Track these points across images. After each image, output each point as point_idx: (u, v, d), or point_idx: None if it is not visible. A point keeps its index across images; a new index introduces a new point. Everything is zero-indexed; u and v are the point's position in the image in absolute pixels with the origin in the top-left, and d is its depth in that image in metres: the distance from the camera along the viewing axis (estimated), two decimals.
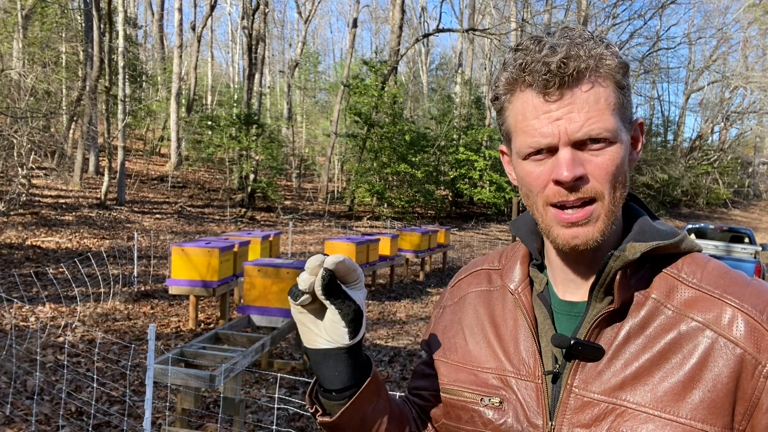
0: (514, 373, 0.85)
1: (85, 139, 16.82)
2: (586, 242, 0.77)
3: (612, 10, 28.95)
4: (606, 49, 0.76)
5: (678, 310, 0.78)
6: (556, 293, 0.87)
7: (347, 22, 43.82)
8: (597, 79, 0.75)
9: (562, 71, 0.73)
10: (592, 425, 0.77)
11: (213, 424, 4.01)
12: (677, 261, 0.82)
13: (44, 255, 9.54)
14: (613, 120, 0.76)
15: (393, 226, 18.67)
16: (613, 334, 0.79)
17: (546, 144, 0.76)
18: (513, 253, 0.97)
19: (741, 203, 44.33)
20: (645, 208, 0.89)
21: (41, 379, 4.57)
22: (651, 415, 0.74)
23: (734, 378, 0.73)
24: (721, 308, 0.76)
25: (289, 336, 6.24)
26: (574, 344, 0.78)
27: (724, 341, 0.74)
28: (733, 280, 0.79)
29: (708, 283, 0.79)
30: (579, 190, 0.76)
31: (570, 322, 0.84)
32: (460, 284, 1.01)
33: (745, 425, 0.74)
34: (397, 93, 22.97)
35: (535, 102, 0.76)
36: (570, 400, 0.79)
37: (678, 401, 0.74)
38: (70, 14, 20.24)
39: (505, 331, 0.89)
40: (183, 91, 25.43)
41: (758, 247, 11.11)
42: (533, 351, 0.84)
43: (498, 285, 0.95)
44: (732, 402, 0.74)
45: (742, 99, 42.75)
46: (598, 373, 0.78)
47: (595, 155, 0.76)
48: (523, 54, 0.76)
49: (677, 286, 0.80)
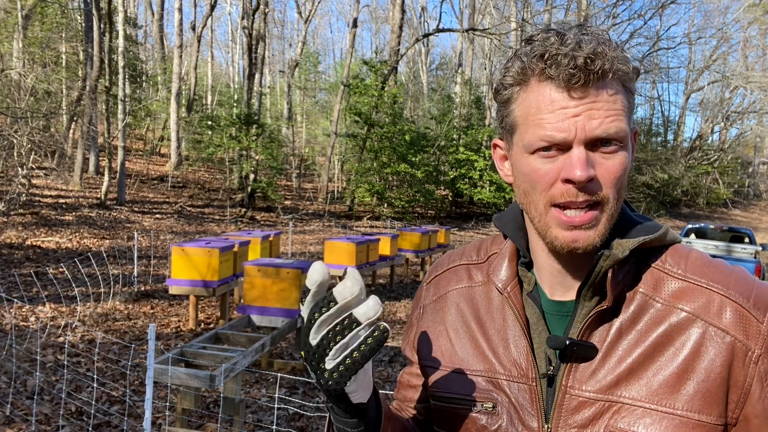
0: (506, 375, 0.83)
1: (85, 139, 16.82)
2: (586, 246, 0.76)
3: (612, 10, 28.98)
4: (621, 53, 0.75)
5: (667, 302, 0.78)
6: (545, 293, 0.85)
7: (347, 22, 43.85)
8: (617, 81, 0.74)
9: (588, 68, 0.71)
10: (589, 425, 0.77)
11: (213, 424, 4.01)
12: (660, 253, 0.82)
13: (44, 255, 9.54)
14: (626, 124, 0.75)
15: (393, 226, 18.67)
16: (605, 332, 0.78)
17: (560, 139, 0.73)
18: (497, 248, 0.93)
19: (741, 203, 44.32)
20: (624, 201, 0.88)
21: (41, 379, 4.57)
22: (647, 409, 0.74)
23: (726, 366, 0.74)
24: (708, 297, 0.77)
25: (289, 336, 6.24)
26: (570, 345, 0.77)
27: (714, 330, 0.75)
28: (718, 269, 0.79)
29: (693, 273, 0.79)
30: (588, 191, 0.74)
31: (560, 322, 0.83)
32: (438, 281, 0.97)
33: (739, 413, 0.75)
34: (397, 93, 22.97)
35: (554, 96, 0.73)
36: (565, 402, 0.78)
37: (673, 393, 0.74)
38: (70, 14, 20.24)
39: (493, 331, 0.86)
40: (183, 91, 25.43)
41: (758, 247, 11.11)
42: (526, 352, 0.82)
43: (480, 281, 0.91)
44: (725, 390, 0.74)
45: (742, 99, 42.80)
46: (593, 371, 0.78)
47: (606, 158, 0.74)
48: (542, 46, 0.73)
49: (663, 278, 0.80)
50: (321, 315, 0.68)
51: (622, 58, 0.74)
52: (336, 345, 0.68)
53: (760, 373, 0.73)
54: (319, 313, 0.68)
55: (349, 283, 0.68)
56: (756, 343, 0.74)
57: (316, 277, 0.70)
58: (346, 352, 0.69)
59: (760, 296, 0.76)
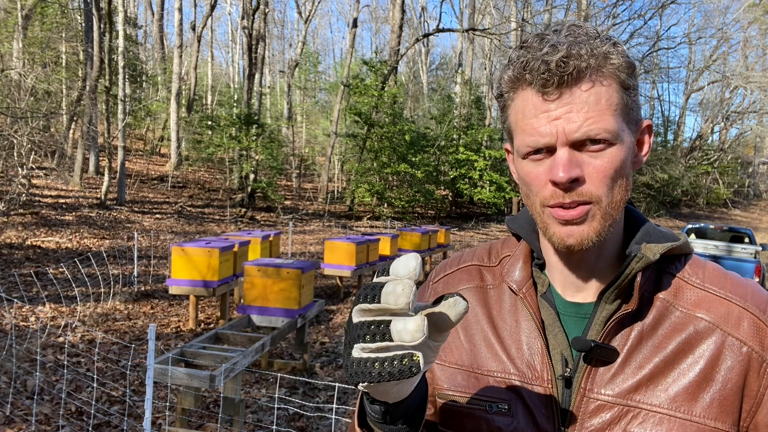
0: (519, 377, 0.82)
1: (85, 139, 16.82)
2: (581, 242, 0.75)
3: (612, 10, 28.98)
4: (612, 47, 0.74)
5: (687, 310, 0.78)
6: (560, 294, 0.85)
7: (347, 22, 43.84)
8: (598, 79, 0.73)
9: (561, 70, 0.71)
10: (606, 429, 0.76)
11: (213, 424, 4.01)
12: (679, 262, 0.82)
13: (44, 255, 9.54)
14: (614, 121, 0.73)
15: (393, 226, 18.67)
16: (626, 336, 0.78)
17: (544, 143, 0.74)
18: (508, 251, 0.93)
19: (741, 203, 44.33)
20: (638, 211, 0.89)
21: (41, 379, 4.57)
22: (665, 416, 0.74)
23: (742, 376, 0.75)
24: (728, 308, 0.78)
25: (289, 336, 6.24)
26: (594, 347, 0.77)
27: (732, 340, 0.76)
28: (735, 281, 0.81)
29: (711, 284, 0.80)
30: (574, 191, 0.74)
31: (576, 323, 0.82)
32: (449, 279, 0.95)
33: (750, 421, 0.76)
34: (397, 93, 22.97)
35: (535, 101, 0.74)
36: (583, 405, 0.78)
37: (691, 400, 0.75)
38: (70, 14, 20.24)
39: (506, 332, 0.86)
40: (183, 91, 25.42)
41: (758, 247, 11.09)
42: (541, 354, 0.82)
43: (491, 283, 0.91)
44: (740, 399, 0.75)
45: (742, 99, 42.80)
46: (612, 375, 0.78)
47: (593, 157, 0.74)
48: (526, 52, 0.74)
49: (683, 286, 0.80)
50: (364, 303, 0.59)
51: (611, 52, 0.73)
52: (364, 343, 0.59)
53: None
54: (364, 298, 0.59)
55: (406, 261, 0.59)
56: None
57: (403, 271, 0.59)
58: (370, 356, 0.59)
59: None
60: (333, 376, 5.34)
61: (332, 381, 5.18)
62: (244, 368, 3.95)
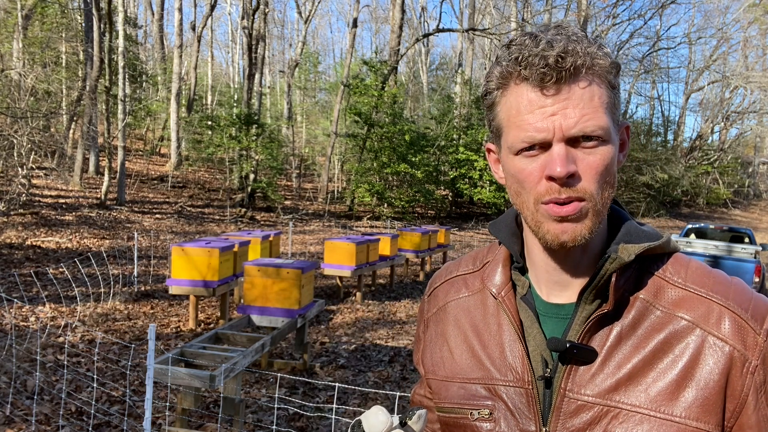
0: (502, 380, 0.83)
1: (85, 139, 16.82)
2: (575, 238, 0.76)
3: (612, 10, 28.99)
4: (598, 49, 0.75)
5: (667, 310, 0.78)
6: (540, 295, 0.85)
7: (347, 22, 43.84)
8: (593, 77, 0.74)
9: (559, 65, 0.72)
10: (587, 429, 0.77)
11: (213, 424, 4.01)
12: (661, 261, 0.82)
13: (44, 255, 9.54)
14: (607, 119, 0.75)
15: (393, 226, 18.67)
16: (605, 336, 0.78)
17: (540, 139, 0.74)
18: (491, 255, 0.95)
19: (741, 203, 44.32)
20: (622, 210, 0.89)
21: (41, 379, 4.57)
22: (646, 416, 0.74)
23: (724, 375, 0.74)
24: (708, 306, 0.77)
25: (289, 336, 6.24)
26: (570, 347, 0.77)
27: (713, 339, 0.75)
28: (717, 280, 0.80)
29: (693, 283, 0.79)
30: (570, 187, 0.74)
31: (557, 324, 0.83)
32: (437, 293, 0.99)
33: (734, 422, 0.75)
34: (397, 93, 22.97)
35: (531, 96, 0.75)
36: (564, 405, 0.78)
37: (672, 400, 0.74)
38: (70, 14, 20.23)
39: (489, 337, 0.87)
40: (183, 91, 25.42)
41: (758, 247, 11.07)
42: (521, 356, 0.82)
43: (476, 288, 0.93)
44: (723, 399, 0.74)
45: (742, 99, 42.78)
46: (592, 375, 0.78)
47: (587, 153, 0.75)
48: (518, 48, 0.75)
49: (664, 285, 0.80)
50: None
51: (598, 53, 0.75)
52: None
53: (756, 383, 0.74)
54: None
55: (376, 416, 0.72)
56: (753, 354, 0.74)
57: (378, 428, 0.71)
58: None
59: (757, 308, 0.77)
60: (333, 376, 5.34)
61: (332, 381, 5.18)
62: (244, 368, 3.95)
